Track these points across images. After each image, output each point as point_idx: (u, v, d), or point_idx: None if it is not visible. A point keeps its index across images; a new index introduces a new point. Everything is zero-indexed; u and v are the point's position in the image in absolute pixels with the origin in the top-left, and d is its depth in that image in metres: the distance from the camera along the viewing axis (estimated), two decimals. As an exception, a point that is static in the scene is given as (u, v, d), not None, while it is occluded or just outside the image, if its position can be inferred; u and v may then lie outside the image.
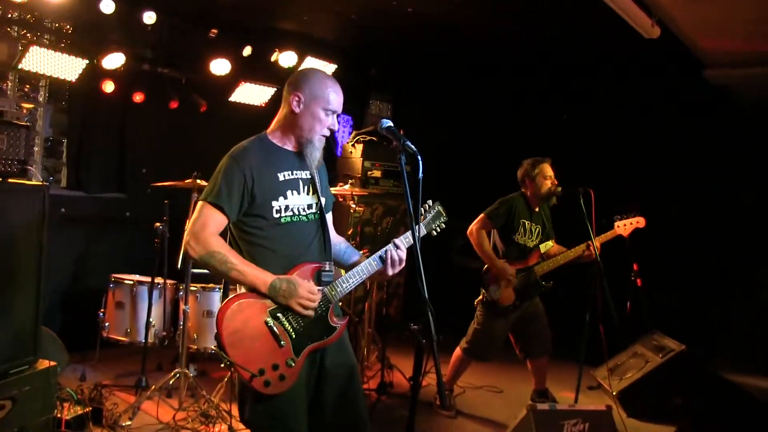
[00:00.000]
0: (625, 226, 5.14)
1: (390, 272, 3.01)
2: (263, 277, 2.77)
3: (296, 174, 2.94)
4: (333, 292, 2.92)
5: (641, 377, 5.56)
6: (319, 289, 2.88)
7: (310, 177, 2.99)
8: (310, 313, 2.82)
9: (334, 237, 3.18)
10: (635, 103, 7.50)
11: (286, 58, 6.96)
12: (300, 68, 6.96)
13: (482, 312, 5.28)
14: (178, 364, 5.04)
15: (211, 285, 5.58)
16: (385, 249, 3.00)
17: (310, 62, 7.15)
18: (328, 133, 2.97)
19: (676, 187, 7.37)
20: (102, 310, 5.60)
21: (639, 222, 5.14)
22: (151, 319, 5.33)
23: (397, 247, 3.00)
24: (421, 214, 2.73)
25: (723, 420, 5.62)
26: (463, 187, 8.07)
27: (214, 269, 2.76)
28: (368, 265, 2.99)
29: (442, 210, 3.24)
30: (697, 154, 7.25)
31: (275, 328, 2.77)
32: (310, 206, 2.97)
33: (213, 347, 5.30)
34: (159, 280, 5.46)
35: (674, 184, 7.38)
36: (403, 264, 3.02)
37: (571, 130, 7.98)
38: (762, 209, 7.00)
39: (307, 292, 2.80)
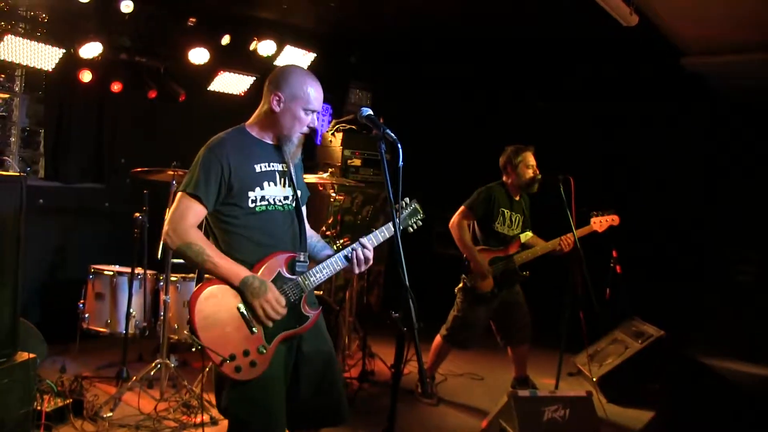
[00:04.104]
0: (600, 223, 5.23)
1: (356, 270, 3.01)
2: (237, 271, 2.79)
3: (273, 166, 2.96)
4: (306, 282, 2.93)
5: (621, 363, 5.62)
6: (293, 278, 2.90)
7: (286, 170, 3.01)
8: (268, 322, 2.81)
9: (309, 231, 3.20)
10: (612, 91, 7.53)
11: (265, 47, 6.91)
12: (279, 59, 6.98)
13: (462, 299, 5.30)
14: (159, 355, 5.02)
15: (191, 275, 5.56)
16: (351, 248, 3.00)
17: (289, 51, 7.10)
18: (307, 131, 2.99)
19: (653, 175, 7.43)
20: (82, 301, 5.57)
21: (614, 220, 5.24)
22: (131, 310, 5.30)
23: (363, 246, 3.00)
24: (398, 211, 2.75)
25: (701, 404, 5.69)
26: (442, 175, 8.10)
27: (190, 260, 2.78)
28: (336, 261, 3.00)
29: (419, 207, 3.26)
30: (673, 142, 7.31)
31: (247, 315, 2.79)
32: (286, 197, 2.99)
33: (186, 331, 5.31)
34: (139, 270, 5.43)
35: (651, 171, 7.44)
36: (370, 263, 3.02)
37: (549, 118, 8.01)
38: (737, 196, 7.08)
39: (274, 299, 2.81)
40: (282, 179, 2.99)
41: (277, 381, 2.90)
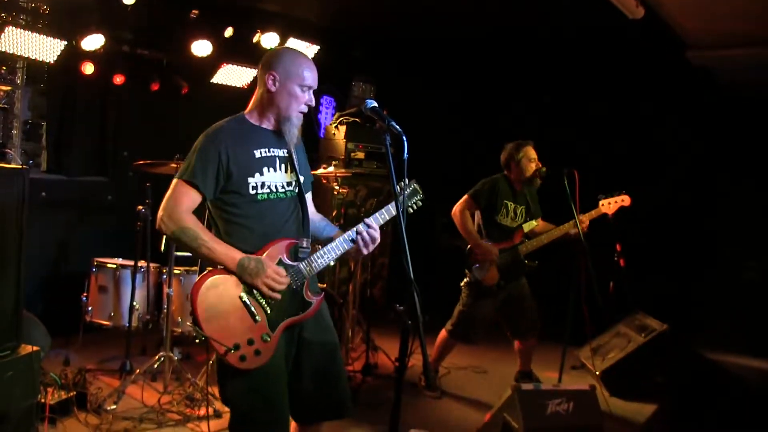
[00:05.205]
0: (609, 205, 5.12)
1: (364, 251, 2.99)
2: (232, 255, 2.78)
3: (273, 151, 2.95)
4: (309, 268, 2.93)
5: (624, 357, 5.60)
6: (294, 265, 2.89)
7: (287, 155, 3.00)
8: (276, 295, 2.81)
9: (314, 214, 3.19)
10: (617, 84, 7.49)
11: (268, 39, 6.89)
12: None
13: (467, 294, 5.28)
14: (162, 348, 5.02)
15: (194, 268, 5.56)
16: (355, 229, 2.98)
17: (293, 43, 7.08)
18: (305, 109, 2.97)
19: (659, 168, 7.40)
20: (85, 294, 5.58)
21: (624, 200, 5.12)
22: (134, 303, 5.30)
23: (368, 226, 2.98)
24: (398, 193, 2.75)
25: (704, 398, 5.69)
26: (447, 167, 8.08)
27: (185, 245, 2.77)
28: (341, 243, 2.99)
29: (418, 187, 3.24)
30: (679, 136, 7.28)
31: (250, 304, 2.79)
32: (289, 183, 2.99)
33: (189, 323, 5.31)
34: (142, 263, 5.44)
35: (657, 165, 7.41)
36: (377, 242, 3.00)
37: (554, 111, 7.98)
38: (743, 192, 7.06)
39: (273, 273, 2.80)
40: (283, 164, 2.98)
41: (279, 371, 2.89)
